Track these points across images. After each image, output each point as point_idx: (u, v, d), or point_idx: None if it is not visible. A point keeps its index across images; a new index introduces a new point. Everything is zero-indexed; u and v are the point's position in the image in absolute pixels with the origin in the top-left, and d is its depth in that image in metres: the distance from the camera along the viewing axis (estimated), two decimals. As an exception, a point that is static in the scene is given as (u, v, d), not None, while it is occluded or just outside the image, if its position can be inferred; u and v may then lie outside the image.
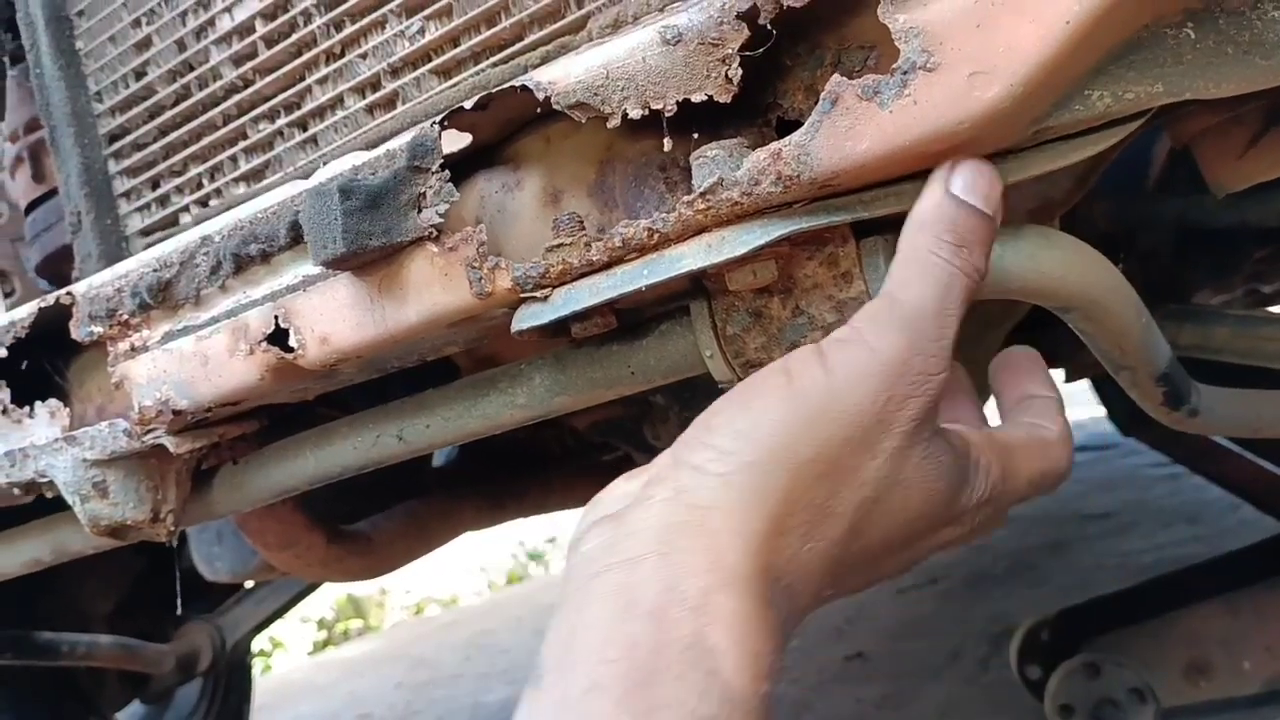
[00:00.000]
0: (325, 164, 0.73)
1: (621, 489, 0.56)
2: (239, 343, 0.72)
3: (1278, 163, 0.74)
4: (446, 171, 0.64)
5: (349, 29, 0.81)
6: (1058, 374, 1.58)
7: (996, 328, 1.02)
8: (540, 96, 0.60)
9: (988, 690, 2.06)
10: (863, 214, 0.56)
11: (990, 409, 0.73)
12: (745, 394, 0.53)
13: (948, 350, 0.53)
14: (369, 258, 0.64)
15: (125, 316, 0.78)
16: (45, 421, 0.83)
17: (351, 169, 0.66)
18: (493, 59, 0.75)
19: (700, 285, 0.64)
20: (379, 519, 1.38)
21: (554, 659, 0.47)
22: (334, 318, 0.68)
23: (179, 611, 1.26)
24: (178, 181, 0.91)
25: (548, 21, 0.72)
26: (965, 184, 0.53)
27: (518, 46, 0.73)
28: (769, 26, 0.55)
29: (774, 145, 0.54)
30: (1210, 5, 0.54)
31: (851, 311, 0.60)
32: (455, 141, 0.69)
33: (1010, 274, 0.60)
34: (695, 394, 1.35)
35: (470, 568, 5.77)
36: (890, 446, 0.51)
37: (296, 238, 0.69)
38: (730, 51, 0.56)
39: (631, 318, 0.69)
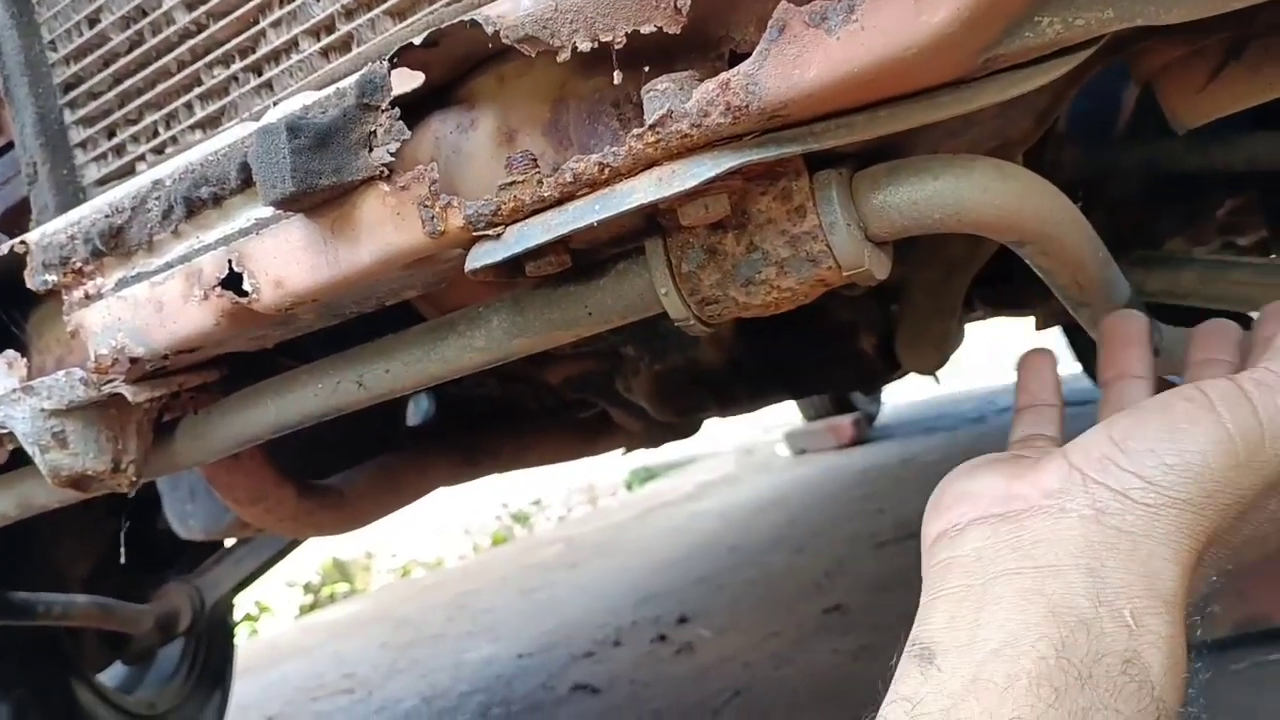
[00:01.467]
0: (276, 105, 0.71)
1: (997, 485, 0.57)
2: (193, 288, 0.71)
3: (1238, 97, 0.74)
4: (397, 110, 0.63)
5: (302, -30, 0.80)
6: (1026, 322, 1.59)
7: (961, 272, 1.02)
8: (489, 30, 0.59)
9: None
10: (814, 145, 0.56)
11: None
12: (1168, 420, 0.54)
13: None
14: (320, 197, 0.63)
15: (79, 264, 0.77)
16: (3, 372, 0.83)
17: (301, 108, 0.65)
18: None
19: (655, 223, 0.64)
20: (351, 473, 1.38)
21: (952, 641, 0.50)
22: (288, 260, 0.67)
23: (122, 562, 1.26)
24: (133, 130, 0.90)
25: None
26: None
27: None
28: (716, -45, 0.54)
29: (723, 75, 0.54)
30: (1161, -71, 0.53)
31: (805, 246, 0.61)
32: (408, 81, 0.68)
33: (965, 207, 0.60)
34: (666, 346, 1.35)
35: (455, 530, 5.79)
36: None
37: (247, 180, 0.68)
38: (678, -19, 0.55)
39: (588, 258, 0.69)
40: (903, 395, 6.05)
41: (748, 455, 6.11)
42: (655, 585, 3.21)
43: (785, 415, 5.73)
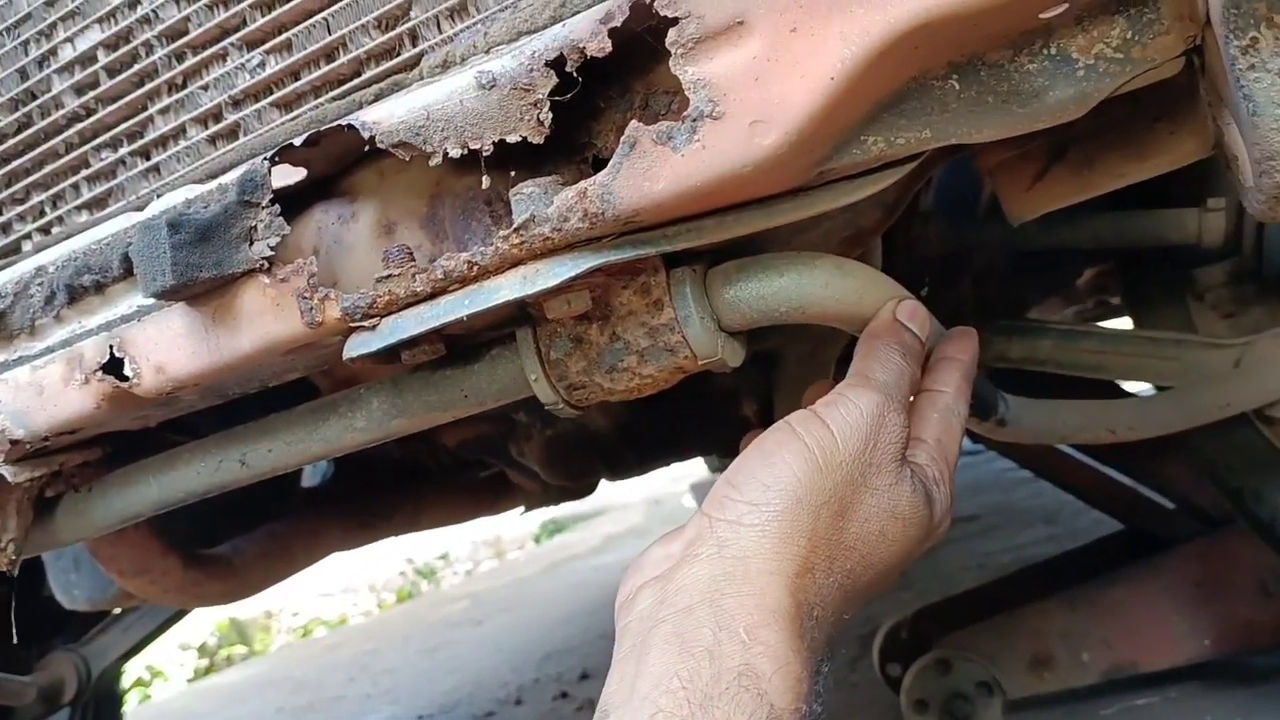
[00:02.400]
0: (160, 196, 0.74)
1: (660, 553, 0.64)
2: (74, 372, 0.73)
3: (1061, 195, 0.81)
4: (277, 206, 0.66)
5: (190, 60, 0.82)
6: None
7: (830, 345, 1.08)
8: (365, 135, 0.63)
9: (855, 690, 2.13)
10: (666, 247, 0.61)
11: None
12: (762, 451, 0.63)
13: (906, 411, 0.66)
14: (200, 289, 0.66)
15: (-41, 347, 0.77)
16: (-122, 452, 0.82)
17: (184, 202, 0.68)
18: (332, 93, 0.77)
19: (526, 313, 0.68)
20: (240, 541, 1.38)
21: (619, 699, 0.56)
22: (169, 347, 0.70)
23: (14, 642, 1.23)
24: (20, 209, 0.91)
25: (384, 58, 0.75)
26: (907, 313, 0.69)
27: (355, 82, 0.76)
28: (575, 74, 0.59)
29: (580, 185, 0.58)
30: (972, 59, 0.60)
31: (663, 337, 0.65)
32: (290, 175, 0.72)
33: (808, 301, 0.65)
34: (555, 415, 1.39)
35: (360, 586, 5.68)
36: (883, 483, 0.63)
37: (130, 269, 0.70)
38: (541, 96, 0.59)
39: (464, 343, 0.73)
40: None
41: (656, 506, 6.14)
42: (559, 641, 3.21)
43: (693, 467, 5.79)
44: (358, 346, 0.65)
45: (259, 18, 0.78)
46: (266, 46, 0.79)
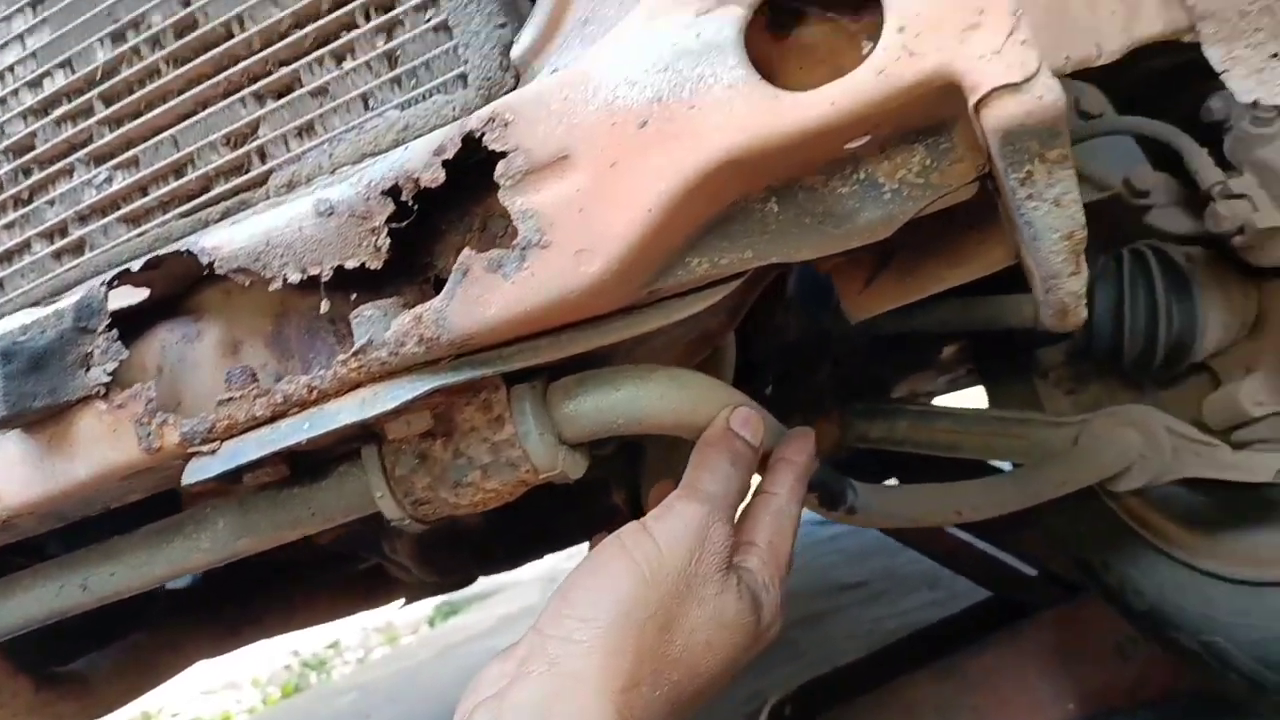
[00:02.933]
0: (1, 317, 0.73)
1: (497, 670, 0.65)
2: (-98, 501, 0.70)
3: (890, 298, 0.86)
4: (114, 331, 0.66)
5: (36, 175, 0.82)
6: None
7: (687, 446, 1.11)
8: (204, 261, 0.64)
9: (744, 767, 2.14)
10: (503, 368, 0.63)
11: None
12: (592, 565, 0.65)
13: (732, 520, 0.69)
14: (34, 417, 0.65)
15: None
16: None
17: (19, 329, 0.67)
18: (180, 209, 0.78)
19: (371, 430, 0.69)
20: (98, 657, 1.32)
21: None
22: (2, 474, 0.68)
23: None
24: None
25: (232, 175, 0.76)
26: (740, 421, 0.71)
27: (203, 199, 0.76)
28: (411, 203, 0.61)
29: (416, 310, 0.60)
30: (790, 183, 0.64)
31: (505, 452, 0.67)
32: (133, 295, 0.71)
33: (645, 413, 0.68)
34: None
35: (244, 681, 5.45)
36: (709, 593, 0.64)
37: (-39, 396, 0.68)
38: (378, 224, 0.61)
39: (311, 460, 0.73)
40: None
41: (551, 584, 6.06)
42: (449, 732, 3.13)
43: (585, 545, 5.75)
44: (197, 471, 0.65)
45: (107, 133, 0.79)
46: (114, 162, 0.79)
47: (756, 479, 0.77)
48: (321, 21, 0.70)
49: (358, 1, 0.68)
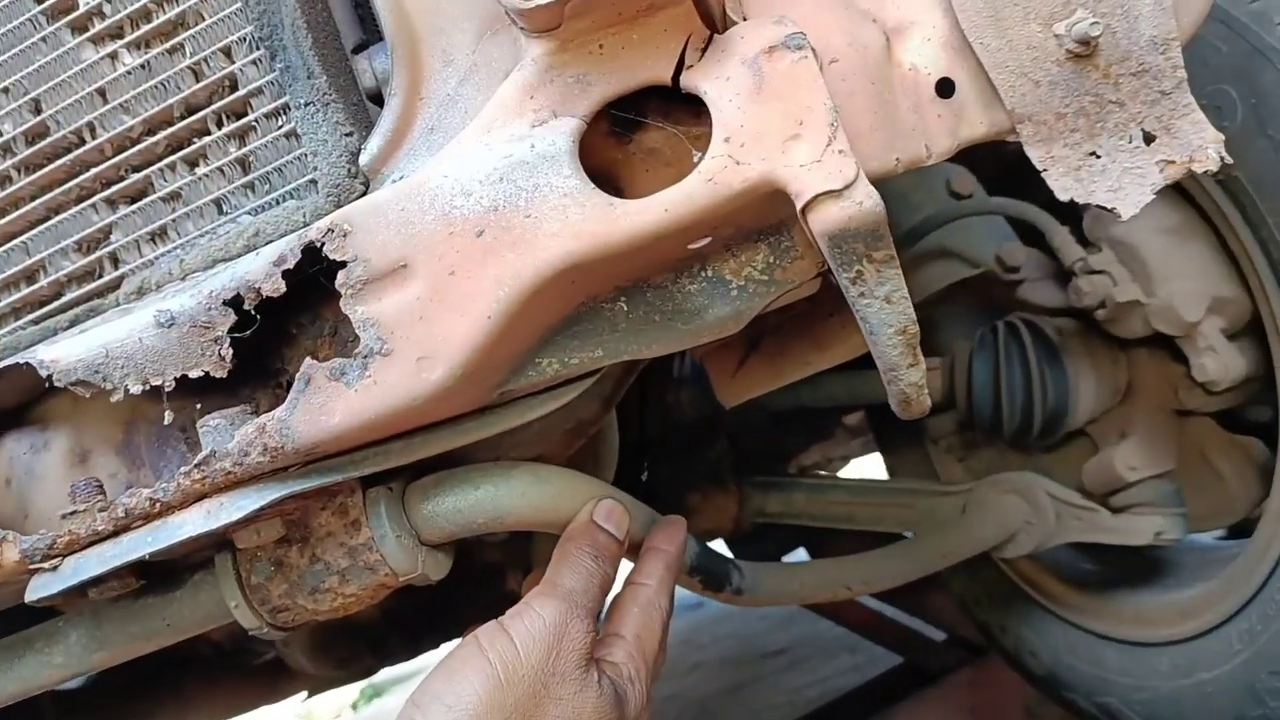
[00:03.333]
0: None
1: None
2: None
3: (761, 382, 0.88)
4: (-47, 446, 0.64)
5: (-116, 283, 0.80)
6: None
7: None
8: (43, 374, 0.63)
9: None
10: (353, 473, 0.62)
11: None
12: (448, 669, 0.64)
13: (594, 616, 0.68)
14: None
15: None
16: None
17: None
18: (30, 316, 0.76)
19: (224, 537, 0.68)
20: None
21: None
22: None
23: None
24: None
25: (84, 280, 0.74)
26: (603, 515, 0.72)
27: (54, 305, 0.75)
28: (254, 312, 0.60)
29: (260, 420, 0.59)
30: (638, 282, 0.65)
31: (362, 556, 0.66)
32: (-25, 407, 0.70)
33: (505, 510, 0.68)
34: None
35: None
36: (567, 692, 0.64)
37: None
38: (221, 333, 0.61)
39: (166, 569, 0.71)
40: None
41: (479, 659, 5.95)
42: (369, 823, 3.03)
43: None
44: (40, 589, 0.63)
45: (-45, 241, 0.77)
46: (-37, 269, 0.77)
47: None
48: (174, 128, 0.70)
49: (209, 109, 0.68)
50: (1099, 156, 0.65)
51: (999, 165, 1.36)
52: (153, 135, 0.72)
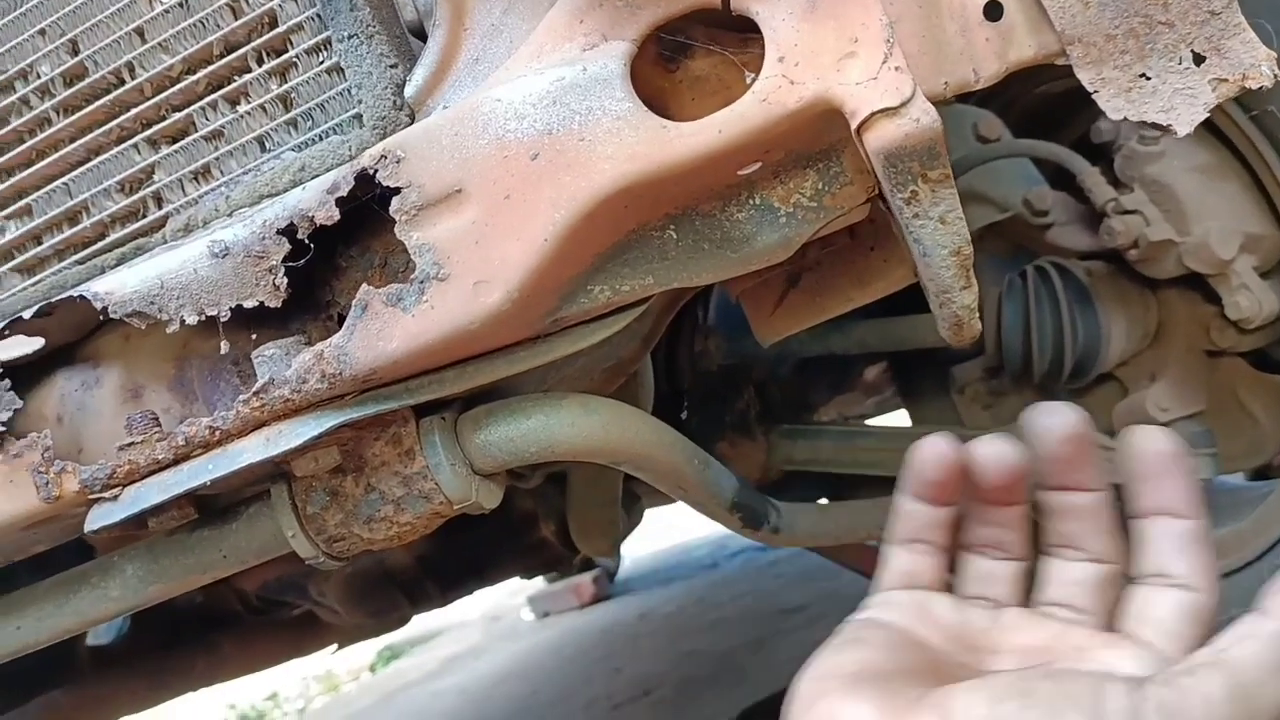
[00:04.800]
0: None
1: None
2: None
3: (802, 318, 0.88)
4: (7, 380, 0.65)
5: (-73, 227, 0.80)
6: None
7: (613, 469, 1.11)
8: (98, 306, 0.63)
9: (690, 796, 2.13)
10: (408, 401, 0.63)
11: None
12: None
13: None
14: (-76, 471, 0.63)
15: None
16: None
17: (-92, 380, 0.65)
18: (75, 256, 0.76)
19: (280, 468, 0.68)
20: (15, 716, 1.28)
21: None
22: (-106, 531, 0.66)
23: None
24: None
25: (128, 221, 0.75)
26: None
27: (99, 245, 0.75)
28: (307, 241, 0.61)
29: (317, 347, 0.60)
30: (687, 210, 0.65)
31: (417, 485, 0.67)
32: (28, 344, 0.70)
33: (556, 441, 0.68)
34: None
35: (180, 740, 5.29)
36: None
37: None
38: (275, 262, 0.61)
39: (220, 503, 0.72)
40: (642, 546, 6.19)
41: (494, 622, 6.00)
42: (393, 778, 3.07)
43: (532, 580, 5.71)
44: (100, 518, 0.63)
45: (-2, 183, 0.77)
46: (6, 211, 0.78)
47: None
48: (213, 66, 0.70)
49: (249, 46, 0.68)
50: (1149, 78, 0.65)
51: (1025, 109, 1.36)
52: (192, 74, 0.72)
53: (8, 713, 1.29)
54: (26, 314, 0.64)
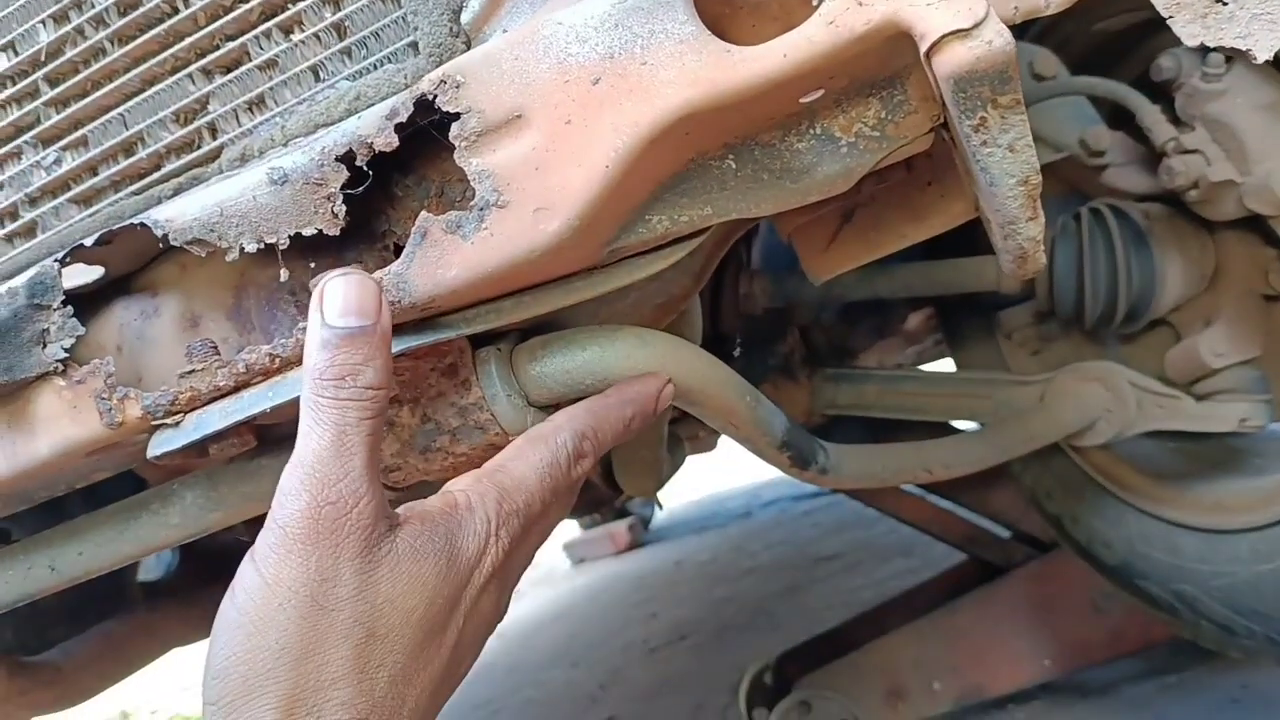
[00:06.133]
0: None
1: None
2: None
3: (853, 255, 0.86)
4: (70, 307, 0.65)
5: (-16, 158, 0.81)
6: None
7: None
8: (159, 233, 0.63)
9: (727, 737, 2.16)
10: (465, 330, 0.62)
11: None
12: (214, 630, 0.52)
13: (359, 480, 0.53)
14: (-9, 396, 0.64)
15: None
16: None
17: (-28, 307, 0.66)
18: (132, 187, 0.77)
19: (337, 399, 0.68)
20: (71, 645, 1.31)
21: None
22: (-39, 456, 0.67)
23: None
24: None
25: (183, 151, 0.75)
26: (336, 308, 0.55)
27: (155, 176, 0.75)
28: (365, 168, 0.60)
29: (377, 274, 0.60)
30: (746, 139, 0.64)
31: (473, 415, 0.67)
32: (88, 273, 0.71)
33: (611, 373, 0.68)
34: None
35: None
36: (349, 592, 0.51)
37: (-84, 378, 0.68)
38: (334, 190, 0.61)
39: (279, 432, 0.72)
40: (676, 496, 6.22)
41: (530, 567, 6.09)
42: (434, 715, 3.13)
43: (567, 527, 5.77)
44: (162, 444, 0.64)
45: (54, 115, 0.78)
46: (62, 143, 0.78)
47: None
48: (267, -6, 0.69)
49: (303, -28, 0.68)
50: (1225, 3, 0.63)
51: (1082, 46, 1.32)
52: (246, 3, 0.71)
53: (66, 641, 1.32)
54: (88, 241, 0.65)
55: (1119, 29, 1.29)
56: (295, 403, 0.62)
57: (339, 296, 0.55)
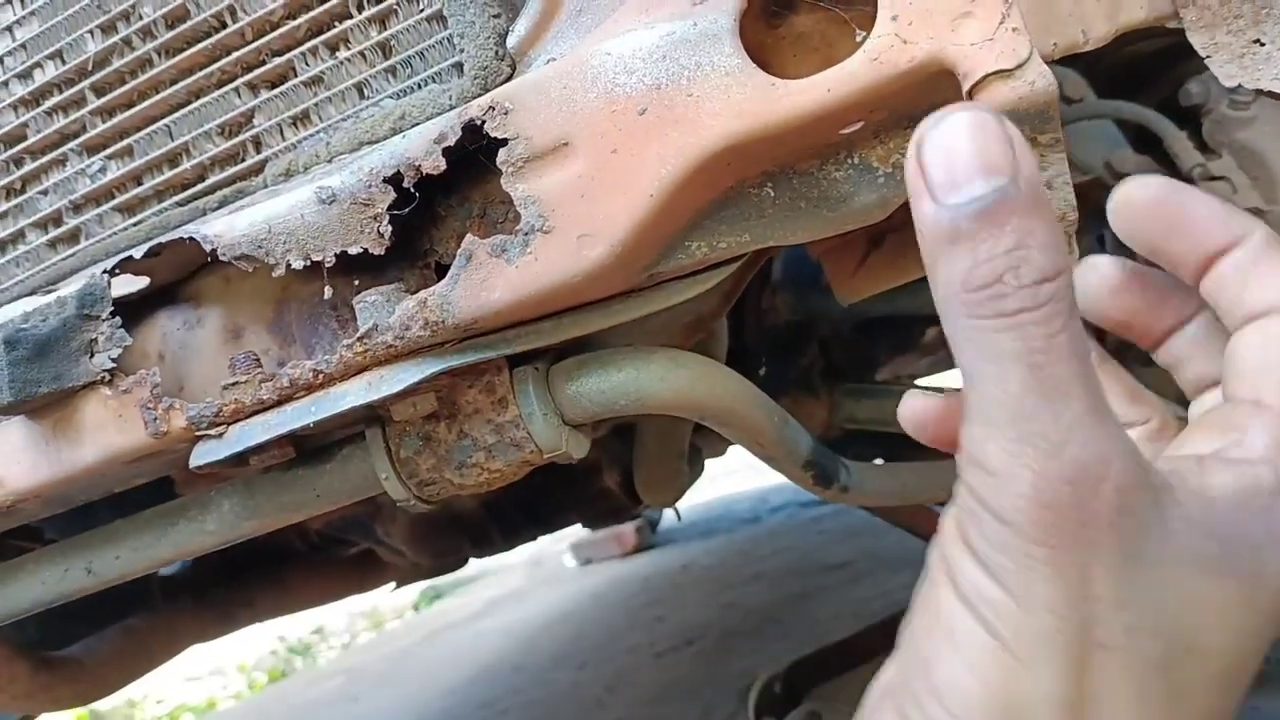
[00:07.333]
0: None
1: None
2: (-93, 488, 0.71)
3: (882, 279, 0.88)
4: (117, 318, 0.66)
5: (29, 165, 0.82)
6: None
7: (684, 422, 1.12)
8: (207, 248, 0.64)
9: (734, 745, 2.16)
10: (506, 350, 0.64)
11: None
12: (951, 643, 0.39)
13: (1090, 434, 0.36)
14: (39, 403, 0.65)
15: None
16: None
17: (21, 315, 0.67)
18: (175, 198, 0.78)
19: (375, 412, 0.70)
20: (93, 641, 1.33)
21: None
22: (7, 460, 0.69)
23: None
24: None
25: (228, 164, 0.76)
26: (950, 176, 0.37)
27: (199, 187, 0.77)
28: (413, 190, 0.62)
29: (421, 294, 0.61)
30: (785, 168, 0.65)
31: (509, 433, 0.68)
32: (133, 283, 0.72)
33: (645, 394, 0.69)
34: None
35: (230, 667, 5.45)
36: (1124, 621, 0.37)
37: (-35, 384, 0.69)
38: (380, 210, 0.62)
39: (315, 443, 0.74)
40: (684, 499, 6.22)
41: (536, 567, 6.10)
42: (437, 714, 3.15)
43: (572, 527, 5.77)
44: (205, 455, 0.65)
45: (99, 124, 0.79)
46: (107, 152, 0.79)
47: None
48: (314, 12, 0.70)
49: (351, -9, 0.69)
50: (1263, 44, 0.64)
51: (1110, 69, 1.33)
52: (293, 19, 0.72)
53: (88, 637, 1.34)
54: (137, 253, 0.66)
55: (1149, 52, 1.30)
56: (336, 417, 0.63)
57: (944, 158, 0.37)
